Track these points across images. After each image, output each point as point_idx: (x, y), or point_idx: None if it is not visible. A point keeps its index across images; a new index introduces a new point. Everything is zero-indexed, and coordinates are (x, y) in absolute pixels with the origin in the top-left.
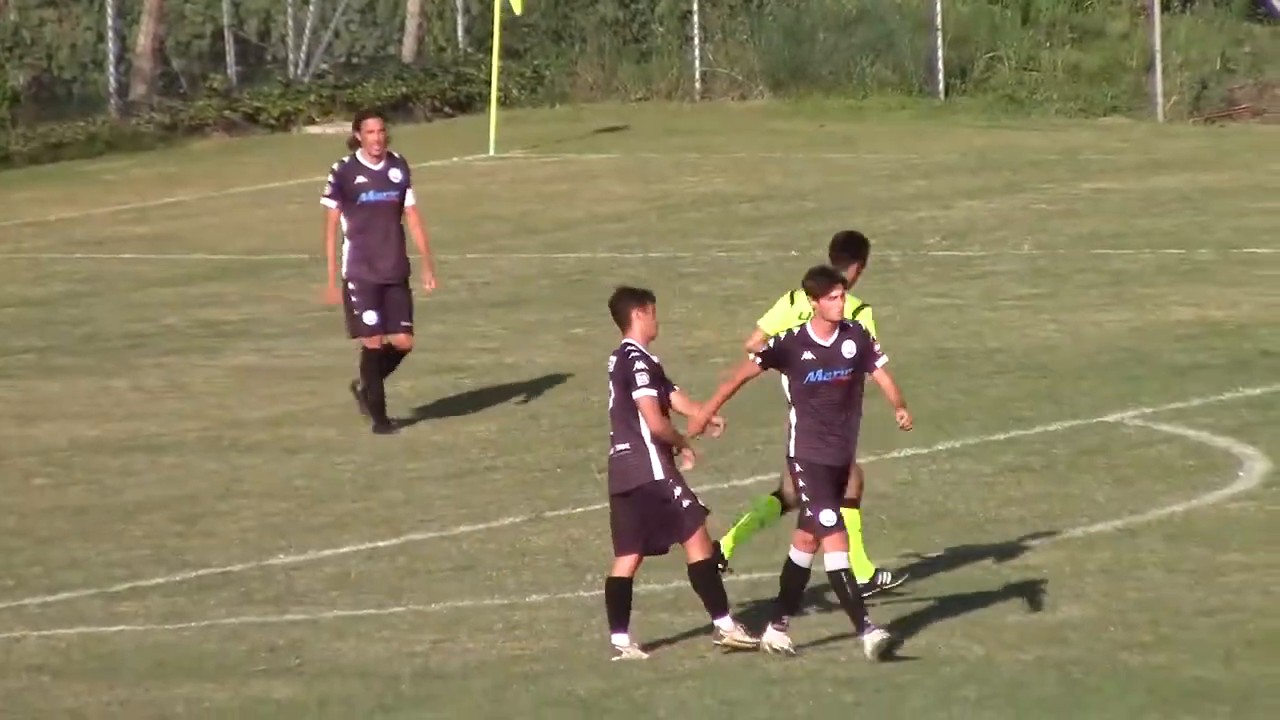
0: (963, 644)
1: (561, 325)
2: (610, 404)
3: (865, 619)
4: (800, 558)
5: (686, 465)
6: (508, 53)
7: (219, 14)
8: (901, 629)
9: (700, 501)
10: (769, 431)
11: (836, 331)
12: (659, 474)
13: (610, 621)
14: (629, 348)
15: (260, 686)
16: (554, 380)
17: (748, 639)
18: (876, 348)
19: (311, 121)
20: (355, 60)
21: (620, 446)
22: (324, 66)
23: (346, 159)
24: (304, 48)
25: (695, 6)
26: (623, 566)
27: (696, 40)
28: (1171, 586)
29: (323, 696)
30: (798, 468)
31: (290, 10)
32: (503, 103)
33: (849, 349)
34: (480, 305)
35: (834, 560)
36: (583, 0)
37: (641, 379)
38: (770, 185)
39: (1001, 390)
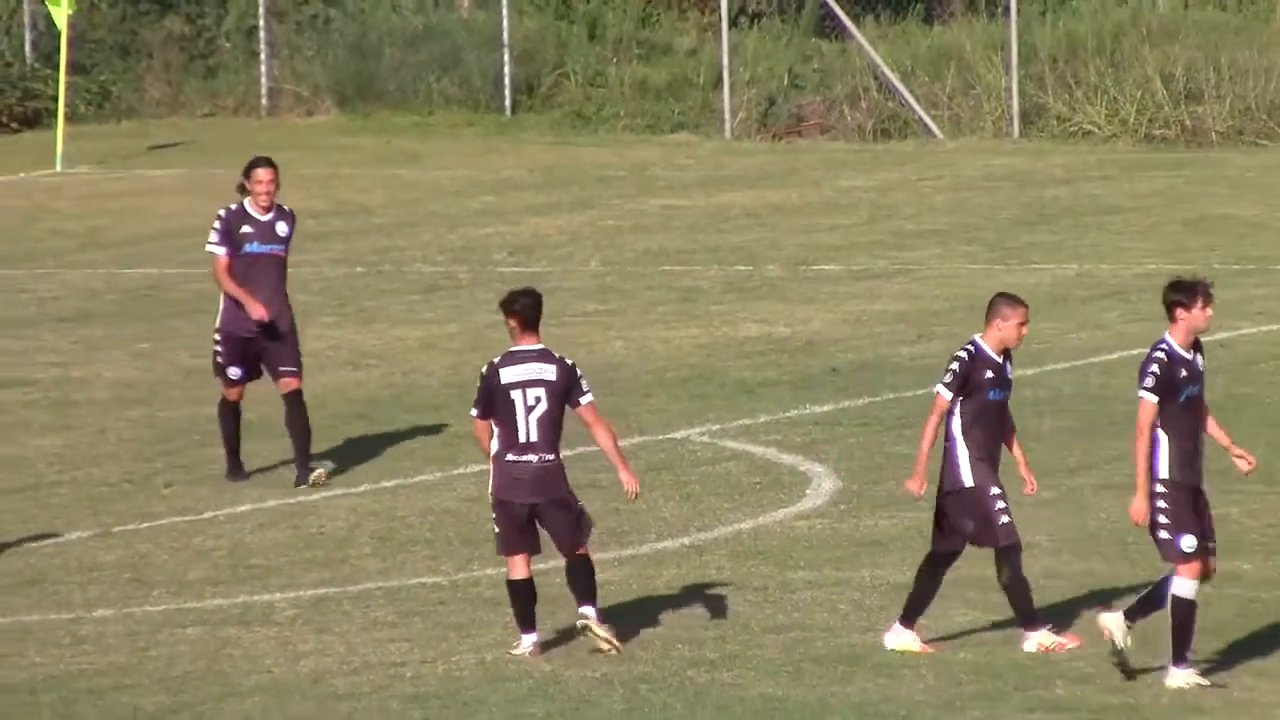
0: (530, 660)
1: (130, 340)
2: (538, 413)
3: (1187, 653)
4: (1187, 588)
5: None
6: (74, 68)
7: None
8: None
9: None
10: (333, 447)
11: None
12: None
13: (517, 622)
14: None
15: None
16: (121, 395)
17: (610, 637)
18: None
19: None
20: None
21: (548, 457)
22: None
23: (233, 205)
24: None
25: (262, 22)
26: (515, 568)
27: (263, 56)
28: (739, 604)
29: None
30: (1161, 489)
31: None
32: (69, 118)
33: (1201, 362)
34: (48, 320)
35: (1182, 587)
36: (150, 15)
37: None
38: (337, 201)
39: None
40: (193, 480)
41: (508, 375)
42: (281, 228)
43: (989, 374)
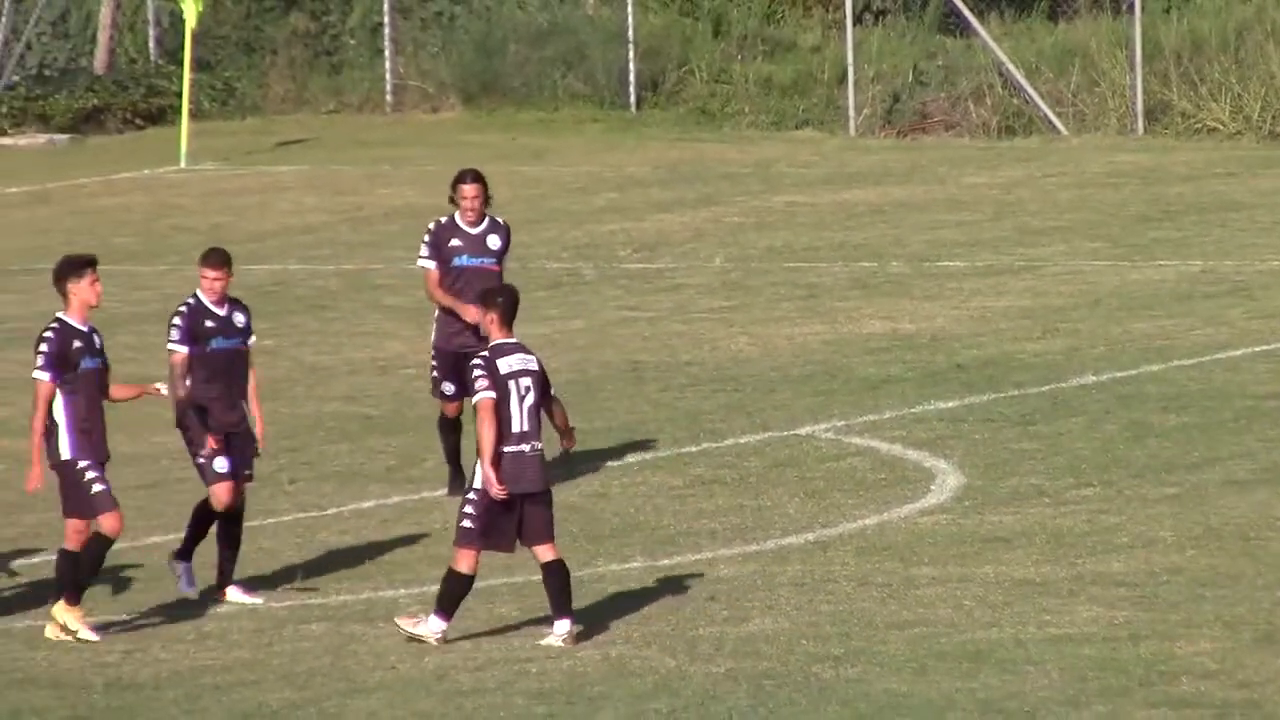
0: (655, 656)
1: None
2: (529, 403)
3: None
4: None
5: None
6: (199, 65)
7: None
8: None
9: None
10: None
11: None
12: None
13: (441, 608)
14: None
15: None
16: None
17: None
18: None
19: (2, 133)
20: (47, 72)
21: (538, 445)
22: (15, 78)
23: (444, 218)
24: None
25: (387, 19)
26: (471, 562)
27: (388, 53)
28: (863, 599)
29: (14, 707)
30: None
31: None
32: (193, 115)
33: None
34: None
35: None
36: (274, 12)
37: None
38: None
39: (693, 403)
40: (317, 477)
41: (504, 366)
42: (493, 241)
43: None
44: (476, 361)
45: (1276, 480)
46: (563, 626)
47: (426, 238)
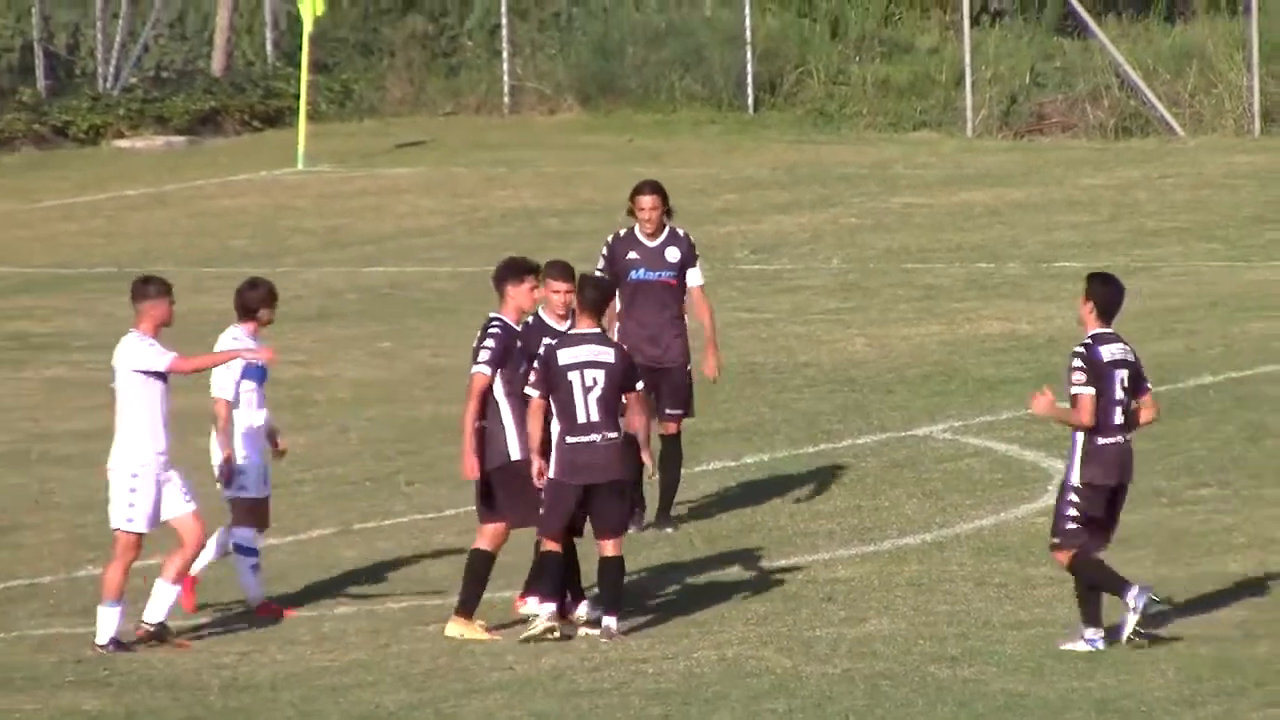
0: (771, 656)
1: (370, 339)
2: (595, 394)
3: None
4: None
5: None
6: (316, 66)
7: (28, 27)
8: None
9: None
10: None
11: None
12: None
13: (542, 588)
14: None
15: (69, 698)
16: (362, 394)
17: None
18: None
19: (120, 135)
20: (164, 74)
21: (610, 435)
22: (133, 80)
23: (622, 231)
24: (113, 61)
25: (504, 21)
26: (557, 543)
27: (505, 54)
28: (980, 600)
29: (131, 708)
30: None
31: (99, 24)
32: (311, 117)
33: None
34: (289, 319)
35: None
36: (392, 14)
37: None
38: (579, 199)
39: (811, 404)
40: (433, 478)
41: (565, 357)
42: (672, 253)
43: None
44: (540, 352)
45: None
46: (610, 622)
47: (604, 250)
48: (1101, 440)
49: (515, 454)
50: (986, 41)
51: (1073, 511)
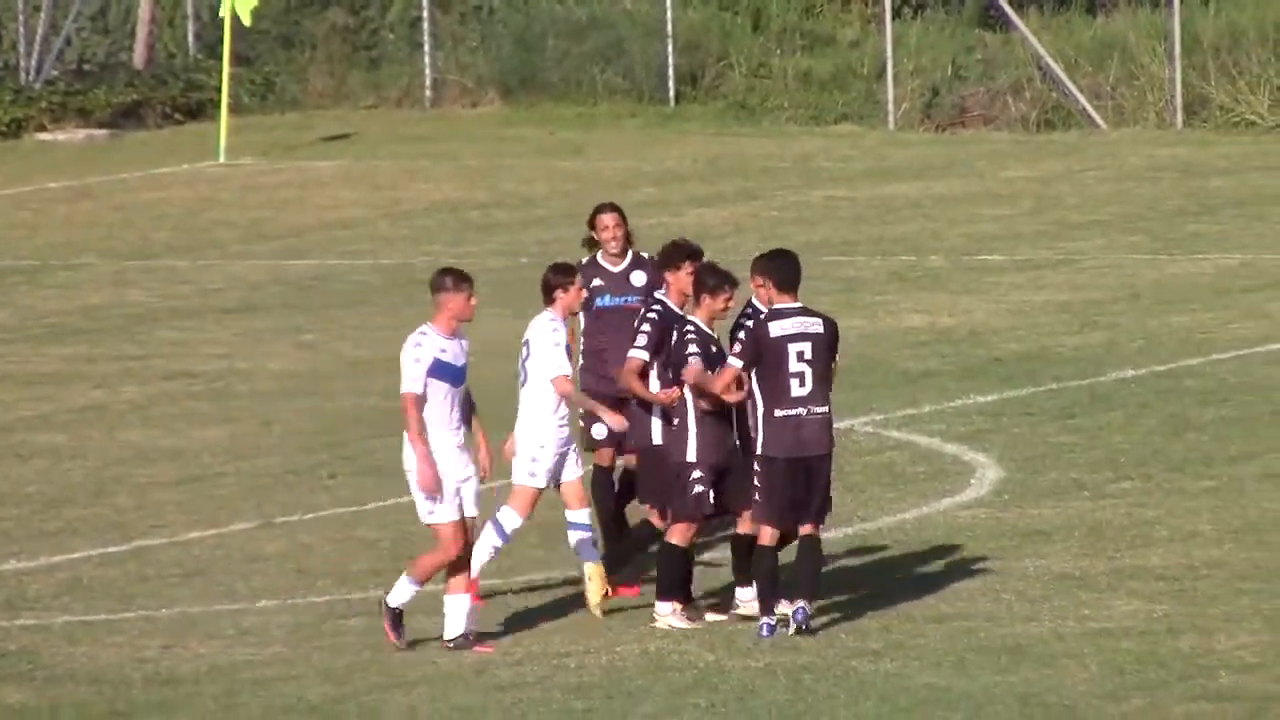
0: (693, 650)
1: (293, 331)
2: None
3: None
4: None
5: None
6: (238, 59)
7: None
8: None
9: None
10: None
11: None
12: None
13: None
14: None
15: None
16: (285, 386)
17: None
18: None
19: (42, 128)
20: (87, 67)
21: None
22: (55, 73)
23: (584, 259)
24: (35, 54)
25: (426, 13)
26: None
27: (427, 47)
28: (902, 593)
29: (55, 702)
30: None
31: (21, 17)
32: (232, 109)
33: None
34: (212, 311)
35: None
36: (313, 7)
37: None
38: (501, 192)
39: None
40: (356, 471)
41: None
42: (637, 277)
43: None
44: (746, 325)
45: None
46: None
47: None
48: (779, 413)
49: (657, 439)
50: (908, 34)
51: (757, 483)
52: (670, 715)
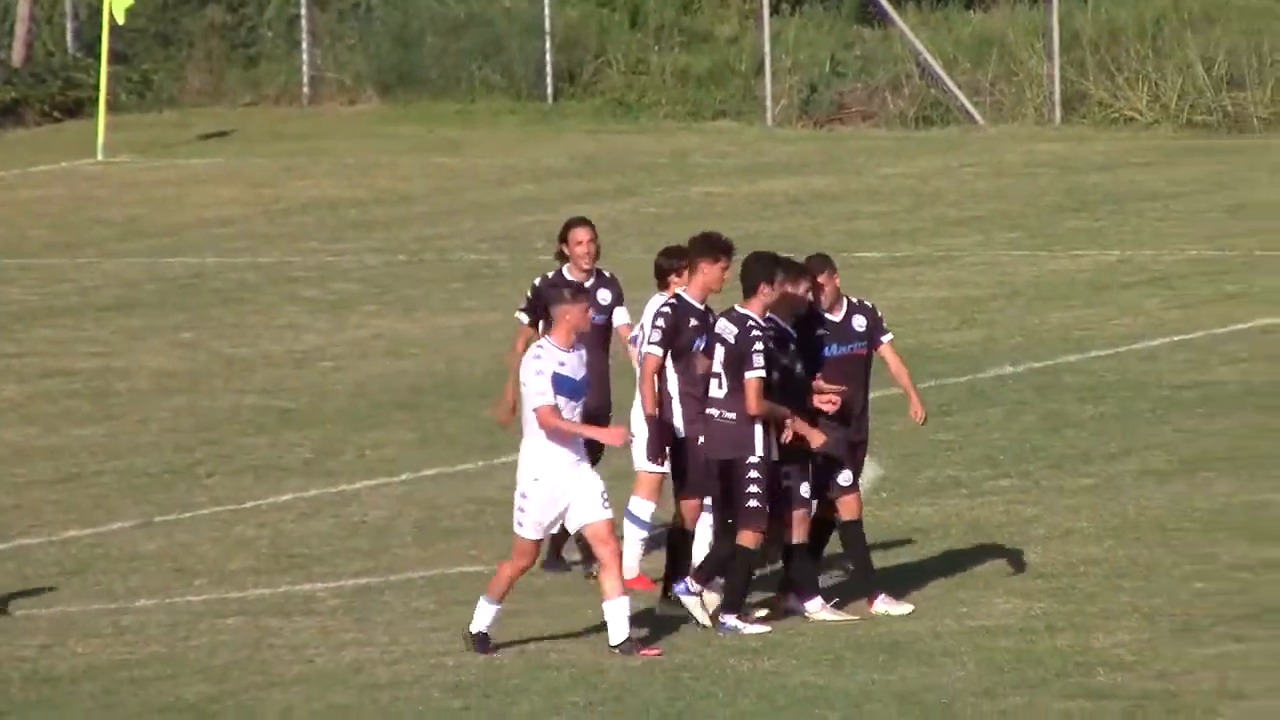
0: (571, 649)
1: (171, 329)
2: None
3: None
4: None
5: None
6: (116, 57)
7: None
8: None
9: None
10: (376, 435)
11: None
12: None
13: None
14: None
15: None
16: (163, 385)
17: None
18: None
19: None
20: None
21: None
22: None
23: (549, 274)
24: None
25: (304, 11)
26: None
27: (304, 45)
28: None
29: None
30: None
31: None
32: (111, 107)
33: None
34: (89, 309)
35: None
36: (191, 4)
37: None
38: (378, 190)
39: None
40: (234, 470)
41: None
42: (603, 295)
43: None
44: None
45: (1193, 471)
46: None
47: (528, 294)
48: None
49: (680, 431)
50: (786, 30)
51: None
52: (549, 714)
